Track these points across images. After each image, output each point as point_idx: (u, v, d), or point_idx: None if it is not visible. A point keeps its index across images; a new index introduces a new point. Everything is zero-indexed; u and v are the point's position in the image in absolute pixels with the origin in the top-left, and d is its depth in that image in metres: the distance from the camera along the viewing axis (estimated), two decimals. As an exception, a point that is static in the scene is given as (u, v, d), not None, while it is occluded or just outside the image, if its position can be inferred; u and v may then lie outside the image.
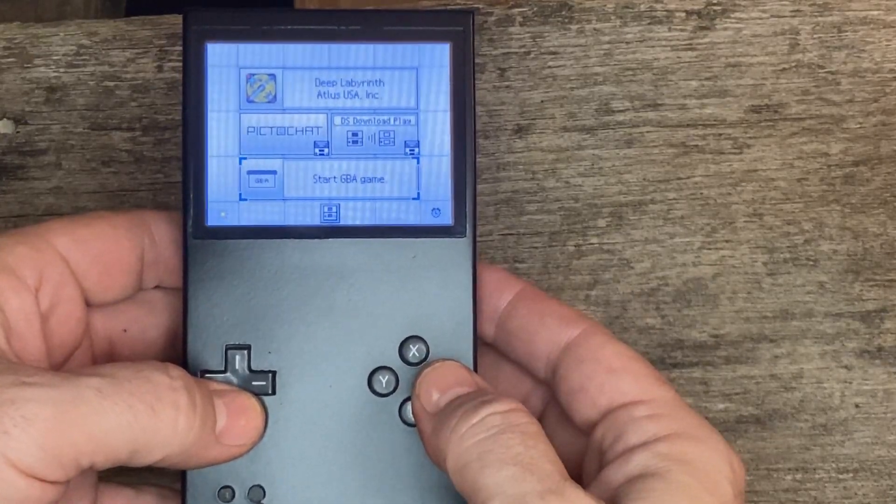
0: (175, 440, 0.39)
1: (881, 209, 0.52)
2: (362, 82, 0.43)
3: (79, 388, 0.37)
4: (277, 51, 0.42)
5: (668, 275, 0.52)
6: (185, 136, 0.42)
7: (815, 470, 0.51)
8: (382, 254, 0.42)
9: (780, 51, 0.52)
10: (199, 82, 0.42)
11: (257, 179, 0.42)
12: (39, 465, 0.36)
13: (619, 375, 0.41)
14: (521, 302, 0.44)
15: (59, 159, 0.52)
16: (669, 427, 0.40)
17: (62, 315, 0.42)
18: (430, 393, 0.41)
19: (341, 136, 0.42)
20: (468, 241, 0.42)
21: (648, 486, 0.38)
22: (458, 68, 0.43)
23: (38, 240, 0.41)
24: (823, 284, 0.52)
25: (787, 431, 0.52)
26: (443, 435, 0.39)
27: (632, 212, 0.52)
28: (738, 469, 0.40)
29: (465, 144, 0.43)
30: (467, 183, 0.43)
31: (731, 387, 0.52)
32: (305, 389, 0.42)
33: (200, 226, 0.42)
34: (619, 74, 0.52)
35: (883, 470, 0.51)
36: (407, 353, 0.42)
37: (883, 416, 0.52)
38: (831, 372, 0.52)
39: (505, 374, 0.45)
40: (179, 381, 0.39)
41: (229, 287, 0.42)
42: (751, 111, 0.52)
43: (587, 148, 0.52)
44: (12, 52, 0.52)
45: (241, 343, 0.42)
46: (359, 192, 0.43)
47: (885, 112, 0.52)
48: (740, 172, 0.52)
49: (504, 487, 0.37)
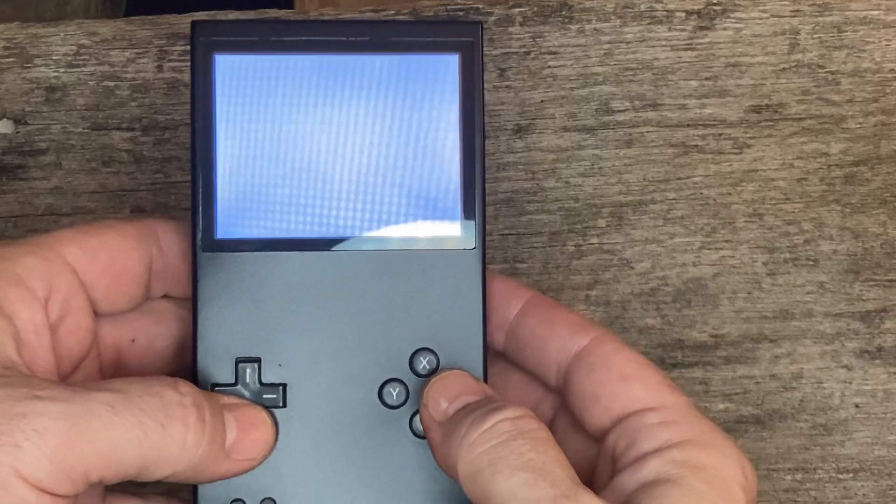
0: (184, 457, 0.38)
1: (881, 209, 0.52)
2: (371, 94, 0.42)
3: (90, 402, 0.37)
4: (285, 62, 0.42)
5: (668, 275, 0.52)
6: (193, 147, 0.42)
7: (815, 470, 0.51)
8: (392, 266, 0.42)
9: (780, 51, 0.52)
10: (207, 94, 0.42)
11: (267, 192, 0.42)
12: (49, 479, 0.36)
13: (630, 383, 0.41)
14: (531, 310, 0.44)
15: (59, 159, 0.52)
16: (682, 434, 0.40)
17: (71, 325, 0.41)
18: (438, 402, 0.41)
19: (350, 148, 0.42)
20: (478, 253, 0.42)
21: (662, 493, 0.38)
22: (468, 80, 0.42)
23: (47, 250, 0.41)
24: (823, 284, 0.52)
25: (787, 431, 0.52)
26: (453, 443, 0.39)
27: (632, 212, 0.52)
28: (750, 476, 0.40)
29: (475, 157, 0.42)
30: (476, 196, 0.42)
31: (731, 387, 0.52)
32: (316, 402, 0.42)
33: (210, 238, 0.42)
34: (619, 74, 0.52)
35: (883, 470, 0.51)
36: (417, 364, 0.42)
37: (883, 416, 0.52)
38: (831, 372, 0.52)
39: (514, 382, 0.45)
40: (189, 398, 0.39)
41: (239, 300, 0.42)
42: (751, 111, 0.52)
43: (587, 148, 0.52)
44: (12, 52, 0.52)
45: (252, 356, 0.42)
46: (368, 204, 0.42)
47: (885, 112, 0.52)
48: (740, 172, 0.52)
49: (517, 493, 0.37)
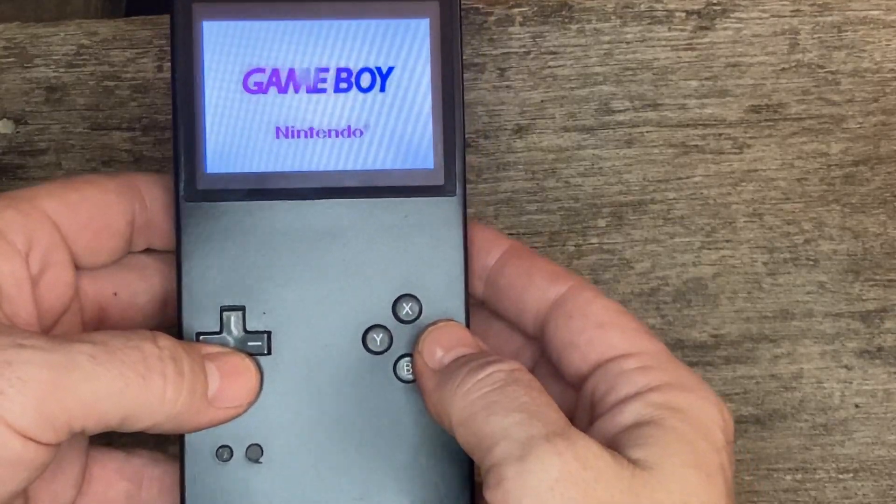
0: (163, 409, 0.39)
1: (881, 209, 0.52)
2: (347, 55, 0.42)
3: (72, 353, 0.38)
4: (264, 29, 0.42)
5: (668, 275, 0.52)
6: (174, 98, 0.42)
7: (815, 470, 0.51)
8: (374, 213, 0.42)
9: (780, 51, 0.52)
10: (188, 51, 0.42)
11: (249, 141, 0.42)
12: (33, 427, 0.37)
13: (607, 330, 0.42)
14: (510, 259, 0.44)
15: (59, 159, 0.52)
16: (660, 378, 0.40)
17: (52, 279, 0.42)
18: (433, 350, 0.41)
19: (331, 86, 0.42)
20: (458, 200, 0.43)
21: (644, 433, 0.39)
22: (446, 28, 0.42)
23: (27, 204, 0.41)
24: (823, 284, 0.52)
25: (787, 431, 0.52)
26: (447, 389, 0.40)
27: (632, 212, 0.52)
28: (727, 418, 0.41)
29: (454, 105, 0.43)
30: (456, 144, 0.43)
31: (731, 387, 0.52)
32: (301, 349, 0.42)
33: (192, 188, 0.42)
34: (619, 74, 0.52)
35: (883, 470, 0.51)
36: (400, 311, 0.43)
37: (883, 416, 0.52)
38: (831, 372, 0.52)
39: (494, 331, 0.45)
40: (167, 352, 0.39)
41: (222, 249, 0.42)
42: (751, 111, 0.52)
43: (587, 148, 0.52)
44: (12, 52, 0.52)
45: (236, 304, 0.42)
46: (351, 154, 0.43)
47: (885, 112, 0.52)
48: (740, 172, 0.52)
49: (510, 431, 0.37)
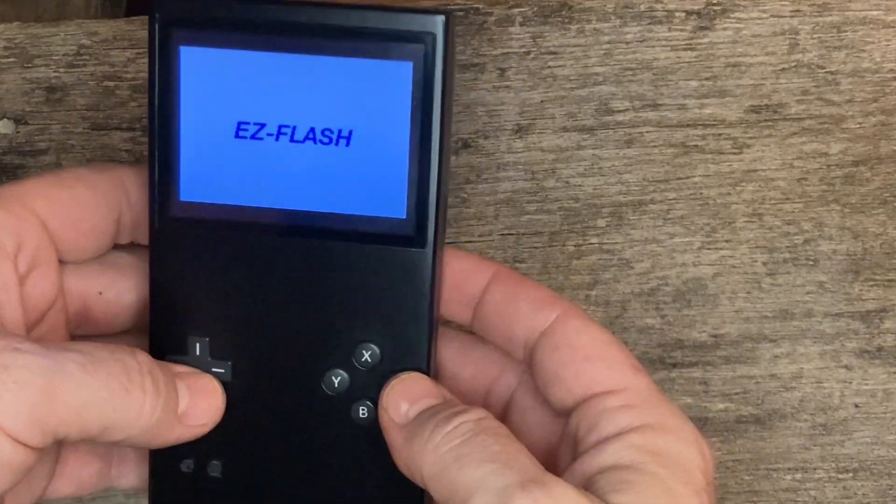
0: (140, 421, 0.40)
1: (881, 209, 0.52)
2: (325, 96, 0.42)
3: (64, 361, 0.38)
4: (243, 57, 0.41)
5: (667, 275, 0.52)
6: (151, 122, 0.42)
7: (815, 470, 0.51)
8: (344, 257, 0.42)
9: (779, 51, 0.52)
10: (168, 77, 0.42)
11: (224, 173, 0.42)
12: (24, 431, 0.37)
13: (594, 363, 0.42)
14: (496, 287, 0.44)
15: (59, 159, 0.52)
16: (642, 418, 0.40)
17: (37, 277, 0.42)
18: (398, 405, 0.42)
19: (302, 138, 0.42)
20: (428, 251, 0.42)
21: (623, 478, 0.39)
22: (429, 74, 0.41)
23: (16, 204, 0.41)
24: (823, 284, 0.52)
25: (787, 431, 0.52)
26: (416, 445, 0.40)
27: (632, 212, 0.52)
28: (707, 457, 0.41)
29: (430, 157, 0.41)
30: (430, 193, 0.42)
31: (730, 387, 0.52)
32: (261, 382, 0.43)
33: (166, 215, 0.42)
34: (618, 74, 0.52)
35: (883, 470, 0.51)
36: (359, 357, 0.43)
37: (883, 416, 0.52)
38: (831, 372, 0.52)
39: (474, 359, 0.45)
40: (145, 366, 0.40)
41: (193, 277, 0.43)
42: (750, 111, 0.52)
43: (587, 148, 0.52)
44: (12, 52, 0.52)
45: (202, 333, 0.43)
46: (326, 196, 0.42)
47: (884, 112, 0.52)
48: (740, 172, 0.52)
49: (485, 482, 0.37)
